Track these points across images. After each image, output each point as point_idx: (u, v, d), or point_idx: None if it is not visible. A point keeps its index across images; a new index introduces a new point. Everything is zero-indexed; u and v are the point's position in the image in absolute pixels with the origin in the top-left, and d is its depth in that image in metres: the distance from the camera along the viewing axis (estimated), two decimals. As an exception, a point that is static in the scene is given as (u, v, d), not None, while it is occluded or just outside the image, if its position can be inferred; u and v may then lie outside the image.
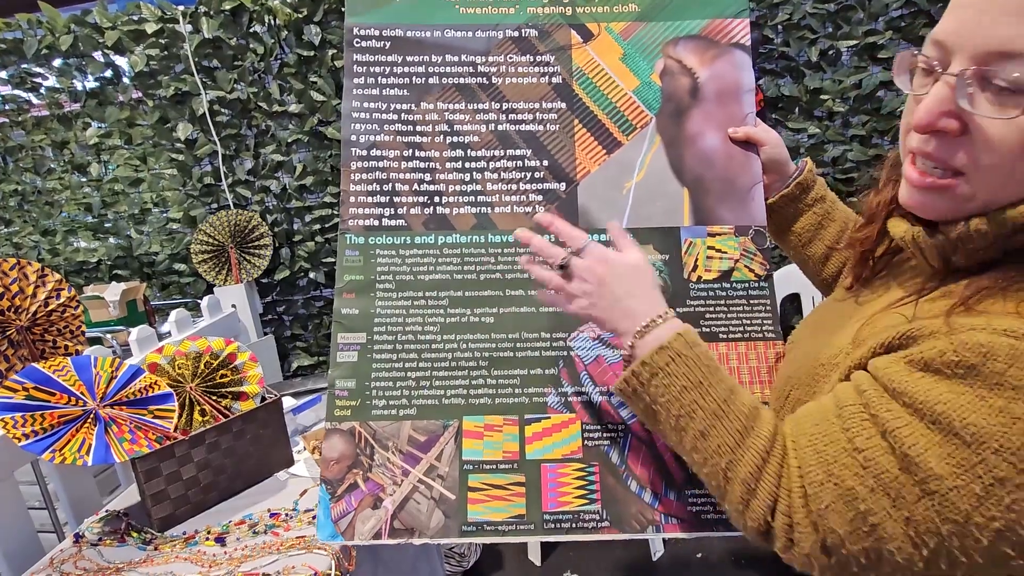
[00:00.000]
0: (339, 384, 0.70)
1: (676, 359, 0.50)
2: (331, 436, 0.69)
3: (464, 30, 0.78)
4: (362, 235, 0.75)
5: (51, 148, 2.32)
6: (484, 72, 0.77)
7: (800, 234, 0.76)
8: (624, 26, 0.78)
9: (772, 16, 1.92)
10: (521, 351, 0.71)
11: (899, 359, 0.41)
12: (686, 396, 0.50)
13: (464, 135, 0.76)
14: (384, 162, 0.76)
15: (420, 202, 0.75)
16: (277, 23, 2.05)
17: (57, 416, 0.94)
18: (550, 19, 0.78)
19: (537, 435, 0.69)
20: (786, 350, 0.66)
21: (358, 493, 0.67)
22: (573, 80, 0.77)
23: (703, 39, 0.76)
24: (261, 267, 2.20)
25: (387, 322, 0.72)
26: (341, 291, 0.73)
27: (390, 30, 0.78)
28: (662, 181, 0.74)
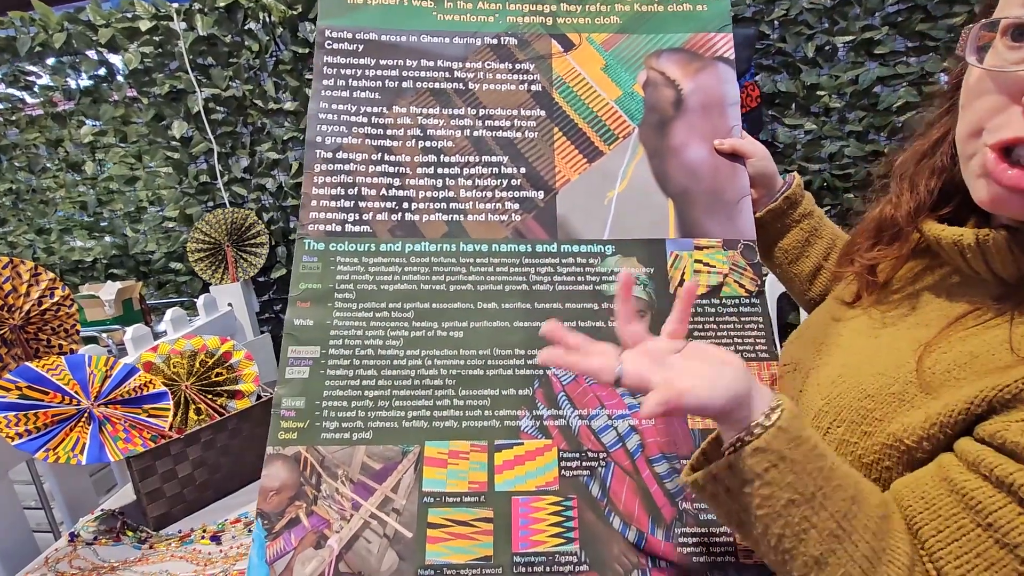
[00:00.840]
0: (286, 403, 0.64)
1: (779, 464, 0.38)
2: (272, 463, 0.61)
3: (441, 36, 0.76)
4: (322, 241, 0.70)
5: (45, 147, 2.31)
6: (460, 78, 0.75)
7: (787, 251, 0.74)
8: (606, 37, 0.76)
9: (769, 12, 1.92)
10: (492, 369, 0.65)
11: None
12: (794, 512, 0.38)
13: (437, 140, 0.73)
14: (350, 165, 0.72)
15: (387, 208, 0.71)
16: (272, 20, 2.04)
17: (51, 415, 0.93)
18: (530, 28, 0.77)
19: (508, 463, 0.62)
20: (782, 372, 0.60)
21: (299, 530, 0.59)
22: (553, 88, 0.75)
23: (686, 52, 0.75)
24: (258, 265, 2.19)
25: (344, 335, 0.66)
26: (295, 300, 0.68)
27: (363, 33, 0.76)
28: (646, 192, 0.71)
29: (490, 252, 0.70)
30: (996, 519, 0.34)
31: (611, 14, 0.77)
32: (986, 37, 0.38)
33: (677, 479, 0.62)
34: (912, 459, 0.41)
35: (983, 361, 0.39)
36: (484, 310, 0.68)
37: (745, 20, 1.94)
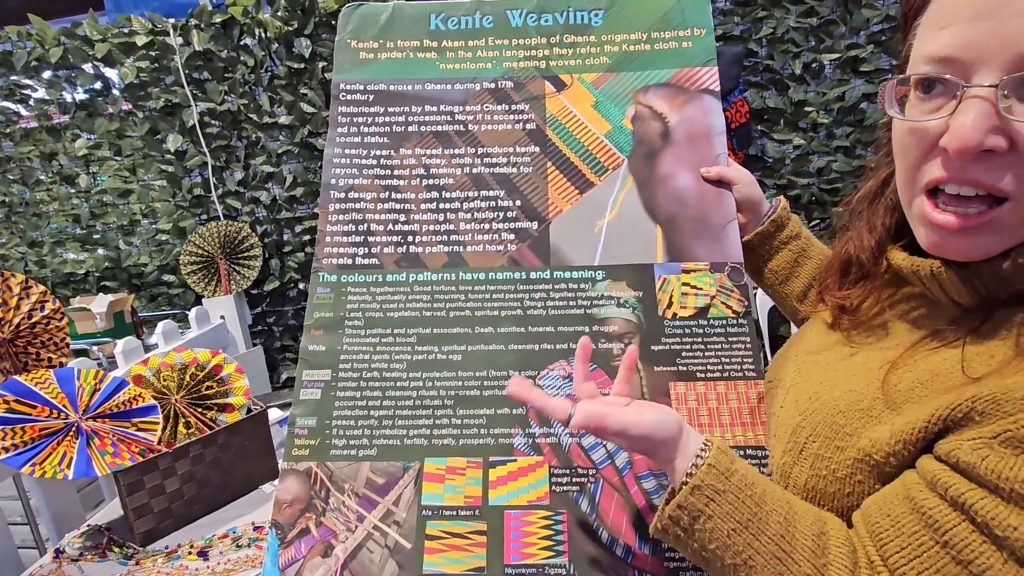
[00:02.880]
0: (299, 422, 0.68)
1: (716, 497, 0.42)
2: (286, 477, 0.66)
3: (443, 83, 0.81)
4: (335, 273, 0.75)
5: (39, 159, 2.31)
6: (461, 120, 0.80)
7: (776, 272, 0.76)
8: (596, 76, 0.80)
9: (756, 30, 1.96)
10: (488, 389, 0.69)
11: (990, 442, 0.35)
12: (738, 541, 0.42)
13: (439, 178, 0.78)
14: (361, 204, 0.77)
15: (394, 241, 0.76)
16: (268, 36, 2.06)
17: (38, 429, 0.93)
18: (525, 72, 0.81)
19: (502, 479, 0.65)
20: (768, 389, 0.62)
21: (309, 539, 0.64)
22: (547, 126, 0.79)
23: (672, 86, 0.78)
24: (251, 278, 2.19)
25: (353, 359, 0.71)
26: (309, 328, 0.73)
27: (374, 84, 0.82)
28: (635, 220, 0.74)
29: (487, 280, 0.73)
30: (951, 537, 0.36)
31: (600, 55, 0.81)
32: (902, 91, 0.42)
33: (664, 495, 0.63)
34: (882, 473, 0.42)
35: (942, 379, 0.41)
36: (481, 334, 0.71)
37: (734, 38, 1.98)
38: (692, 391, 0.67)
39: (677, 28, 0.81)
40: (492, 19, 0.84)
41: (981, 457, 0.35)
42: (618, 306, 0.71)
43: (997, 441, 0.35)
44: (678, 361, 0.68)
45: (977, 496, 0.35)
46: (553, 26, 0.82)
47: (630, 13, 0.82)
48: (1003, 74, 0.35)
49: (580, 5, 0.83)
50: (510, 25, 0.83)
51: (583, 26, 0.82)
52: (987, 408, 0.36)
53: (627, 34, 0.81)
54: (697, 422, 0.65)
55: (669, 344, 0.69)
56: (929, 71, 0.39)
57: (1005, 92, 0.36)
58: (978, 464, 0.35)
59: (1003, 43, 0.35)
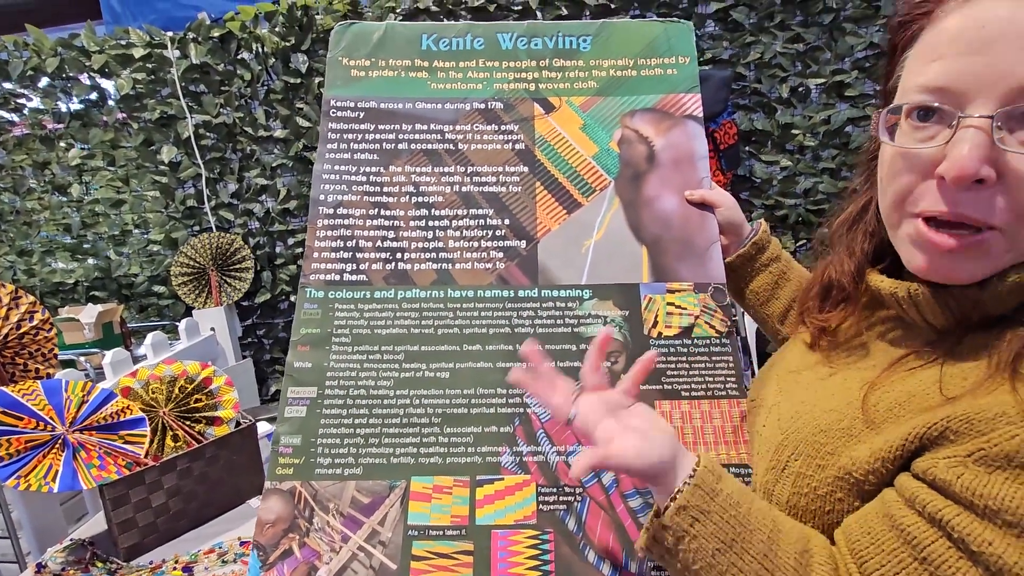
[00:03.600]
0: (284, 440, 0.67)
1: (701, 518, 0.43)
2: (269, 496, 0.65)
3: (434, 102, 0.83)
4: (322, 289, 0.75)
5: (32, 168, 2.31)
6: (451, 139, 0.81)
7: (758, 293, 0.78)
8: (584, 100, 0.82)
9: (745, 55, 2.01)
10: (476, 407, 0.69)
11: (965, 460, 0.36)
12: (722, 560, 0.42)
13: (429, 195, 0.78)
14: (350, 220, 0.77)
15: (382, 258, 0.76)
16: (265, 51, 2.09)
17: (24, 441, 0.92)
18: (515, 94, 0.83)
19: (489, 498, 0.65)
20: (750, 408, 0.63)
21: (292, 561, 0.62)
22: (536, 147, 0.80)
23: (658, 111, 0.81)
24: (242, 290, 2.19)
25: (340, 376, 0.70)
26: (296, 344, 0.72)
27: (365, 102, 0.83)
28: (621, 240, 0.76)
29: (476, 298, 0.74)
30: (929, 553, 0.37)
31: (588, 79, 0.83)
32: (892, 119, 0.43)
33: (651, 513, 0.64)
34: (862, 491, 0.43)
35: (919, 400, 0.42)
36: (469, 352, 0.71)
37: (723, 62, 2.03)
38: (677, 409, 0.68)
39: (663, 56, 0.83)
40: (483, 41, 0.85)
41: (956, 475, 0.37)
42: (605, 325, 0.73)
43: (971, 459, 0.36)
44: (663, 380, 0.69)
45: (953, 512, 0.36)
46: (543, 50, 0.85)
47: (617, 40, 0.85)
48: (997, 106, 0.37)
49: (569, 31, 0.86)
50: (501, 48, 0.85)
51: (572, 51, 0.84)
52: (961, 427, 0.38)
53: (614, 60, 0.84)
54: (682, 440, 0.66)
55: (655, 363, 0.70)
56: (925, 100, 0.40)
57: (999, 124, 0.37)
58: (954, 482, 0.37)
59: (997, 76, 0.37)
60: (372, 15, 2.05)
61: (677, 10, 1.99)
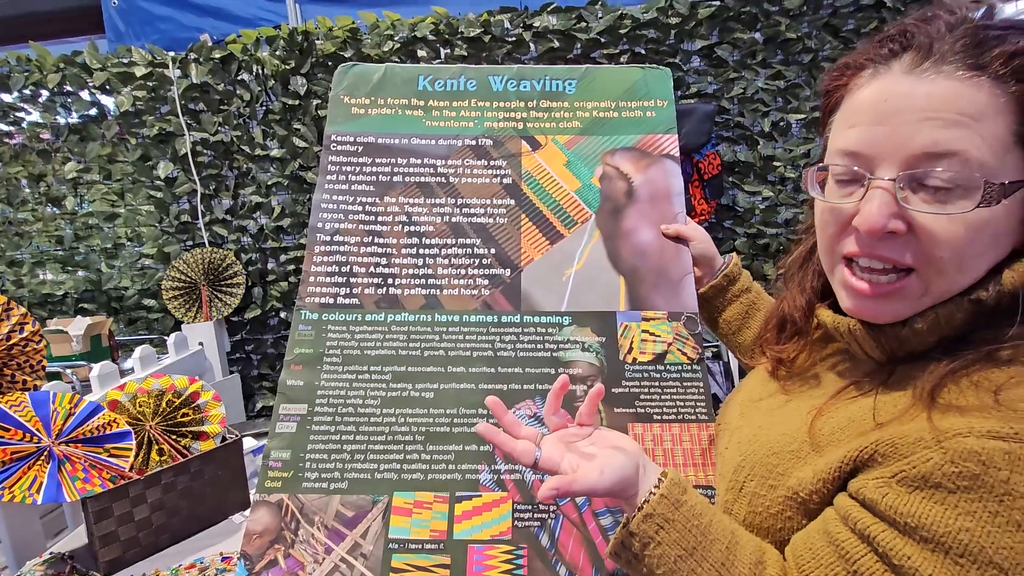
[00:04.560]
0: (274, 455, 0.71)
1: (665, 525, 0.46)
2: (258, 508, 0.67)
3: (428, 138, 0.88)
4: (316, 311, 0.79)
5: (27, 180, 2.32)
6: (443, 173, 0.86)
7: (730, 322, 0.82)
8: (568, 138, 0.88)
9: (729, 90, 2.09)
10: (458, 427, 0.72)
11: (889, 481, 0.40)
12: (683, 567, 0.45)
13: (420, 225, 0.83)
14: (345, 247, 0.82)
15: (374, 283, 0.80)
16: (265, 73, 2.14)
17: (10, 452, 0.93)
18: (504, 131, 0.89)
19: (467, 514, 0.67)
20: (717, 431, 0.66)
21: (277, 571, 0.65)
22: (522, 181, 0.86)
23: (637, 150, 0.86)
24: (232, 305, 2.20)
25: (330, 394, 0.73)
26: (289, 363, 0.76)
27: (363, 137, 0.89)
28: (600, 270, 0.80)
29: (461, 322, 0.78)
30: (859, 567, 0.40)
31: (573, 119, 0.89)
32: (821, 175, 0.49)
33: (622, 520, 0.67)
34: (807, 510, 0.47)
35: (856, 425, 0.46)
36: (453, 373, 0.75)
37: (707, 96, 2.11)
38: (649, 432, 0.71)
39: (642, 99, 0.89)
40: (476, 83, 0.91)
41: (882, 495, 0.40)
42: (583, 350, 0.76)
43: (895, 480, 0.40)
44: (636, 403, 0.73)
45: (879, 529, 0.40)
46: (531, 92, 0.91)
47: (601, 84, 0.91)
48: (899, 170, 0.42)
49: (556, 74, 0.92)
50: (492, 89, 0.91)
51: (558, 93, 0.90)
52: (887, 451, 0.41)
53: (598, 102, 0.89)
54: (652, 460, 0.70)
55: (629, 387, 0.74)
56: (840, 164, 0.46)
57: (901, 185, 0.42)
58: (880, 501, 0.40)
59: (896, 145, 0.42)
60: (371, 42, 2.11)
61: (664, 46, 2.08)
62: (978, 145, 0.40)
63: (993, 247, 0.42)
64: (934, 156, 0.41)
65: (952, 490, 0.38)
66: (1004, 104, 0.40)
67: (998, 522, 0.36)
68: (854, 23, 2.03)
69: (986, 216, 0.41)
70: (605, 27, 2.04)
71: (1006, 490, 0.36)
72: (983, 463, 0.37)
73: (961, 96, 0.40)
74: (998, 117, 0.40)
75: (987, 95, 0.40)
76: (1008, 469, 0.37)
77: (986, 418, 0.38)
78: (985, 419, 0.38)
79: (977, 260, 0.43)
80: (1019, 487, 0.36)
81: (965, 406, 0.40)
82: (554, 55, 2.08)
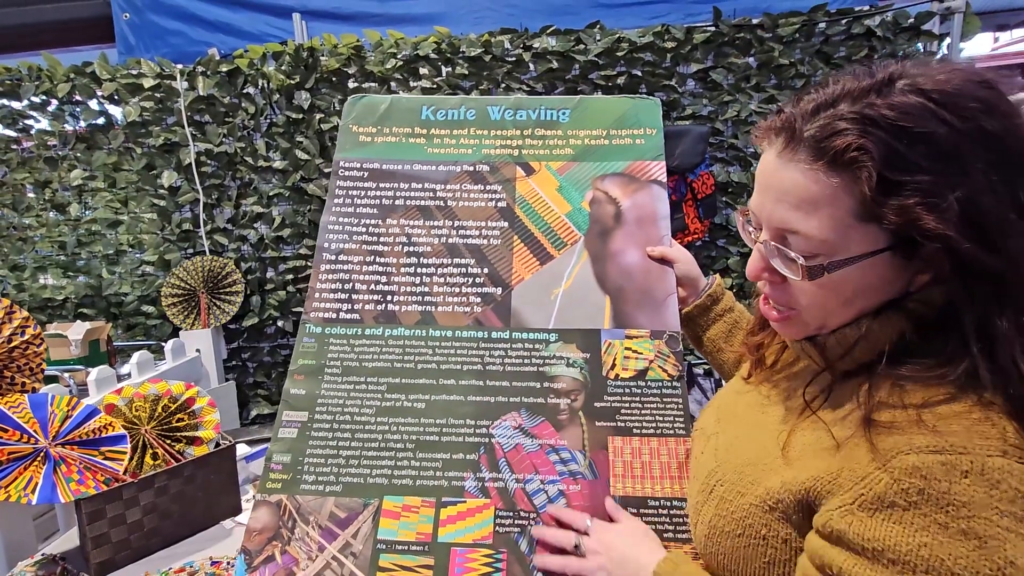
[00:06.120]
0: (276, 458, 0.76)
1: None
2: (258, 507, 0.73)
3: (429, 164, 0.94)
4: (320, 325, 0.84)
5: (33, 186, 2.36)
6: (442, 197, 0.92)
7: (714, 340, 0.85)
8: (561, 164, 0.93)
9: (723, 112, 2.14)
10: (446, 436, 0.76)
11: (851, 508, 0.43)
12: None
13: (419, 245, 0.89)
14: (348, 265, 0.88)
15: (374, 299, 0.86)
16: (270, 87, 2.19)
17: (7, 453, 0.95)
18: (500, 158, 0.94)
19: (451, 518, 0.71)
20: (693, 436, 0.70)
21: (273, 566, 0.69)
22: (516, 205, 0.91)
23: (626, 176, 0.91)
24: (230, 313, 2.23)
25: (329, 403, 0.78)
26: (293, 373, 0.81)
27: (369, 163, 0.95)
28: (587, 289, 0.84)
29: (453, 337, 0.82)
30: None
31: (566, 146, 0.95)
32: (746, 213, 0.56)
33: None
34: (769, 519, 0.50)
35: (820, 441, 0.49)
36: (444, 385, 0.79)
37: (702, 118, 2.16)
38: (628, 445, 0.74)
39: (632, 127, 0.94)
40: (475, 112, 0.97)
41: (848, 523, 0.43)
42: (568, 366, 0.79)
43: (855, 506, 0.43)
44: (617, 417, 0.76)
45: (851, 564, 0.43)
46: (526, 121, 0.96)
47: (592, 113, 0.96)
48: (768, 236, 0.50)
49: (550, 104, 0.97)
50: (490, 118, 0.97)
51: (552, 122, 0.96)
52: (843, 481, 0.45)
53: (589, 130, 0.94)
54: (631, 474, 0.72)
55: (610, 402, 0.77)
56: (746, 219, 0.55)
57: (772, 246, 0.50)
58: (847, 530, 0.43)
59: (766, 215, 0.50)
60: (374, 59, 2.16)
61: (660, 69, 2.13)
62: (818, 226, 0.46)
63: (862, 297, 0.48)
64: (787, 231, 0.48)
65: (905, 507, 0.40)
66: (838, 191, 0.45)
67: (950, 532, 0.39)
68: (845, 51, 2.09)
69: (837, 279, 0.47)
70: (603, 49, 2.09)
71: (949, 500, 0.39)
72: (924, 477, 0.40)
73: (801, 187, 0.46)
74: (836, 202, 0.45)
75: (823, 186, 0.45)
76: (947, 480, 0.39)
77: (923, 434, 0.42)
78: (922, 435, 0.42)
79: (844, 308, 0.49)
80: (960, 496, 0.39)
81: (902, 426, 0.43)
82: (553, 76, 2.13)
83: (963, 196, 0.41)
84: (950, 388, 0.44)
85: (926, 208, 0.41)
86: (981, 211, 0.41)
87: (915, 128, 0.42)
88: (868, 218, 0.44)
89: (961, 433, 0.41)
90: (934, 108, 0.42)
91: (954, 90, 0.43)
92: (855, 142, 0.43)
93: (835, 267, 0.46)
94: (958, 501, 0.39)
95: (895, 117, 0.43)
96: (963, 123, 0.42)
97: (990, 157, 0.42)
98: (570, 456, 0.74)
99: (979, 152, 0.42)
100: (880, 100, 0.44)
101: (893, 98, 0.43)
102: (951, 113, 0.42)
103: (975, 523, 0.38)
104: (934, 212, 0.41)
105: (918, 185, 0.42)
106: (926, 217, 0.41)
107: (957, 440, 0.40)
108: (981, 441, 0.40)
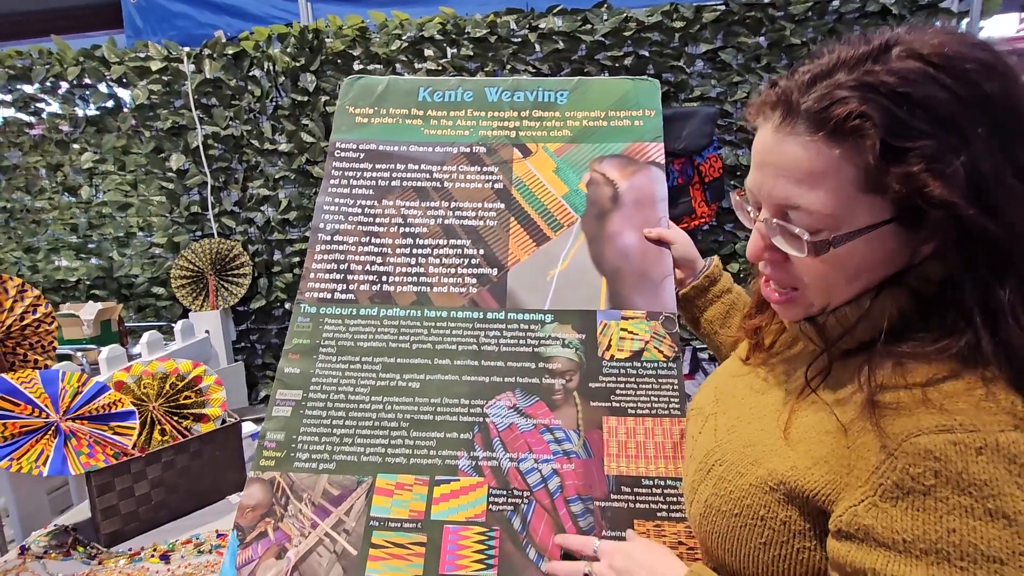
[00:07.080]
0: (269, 436, 0.76)
1: None
2: (252, 484, 0.73)
3: (426, 146, 0.93)
4: (315, 305, 0.84)
5: (45, 170, 2.39)
6: (438, 178, 0.91)
7: (712, 322, 0.84)
8: (558, 146, 0.92)
9: (732, 93, 2.11)
10: (440, 415, 0.76)
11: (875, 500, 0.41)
12: None
13: (415, 226, 0.88)
14: (344, 246, 0.87)
15: (369, 280, 0.85)
16: (276, 69, 2.19)
17: (19, 426, 0.97)
18: (497, 139, 0.93)
19: (444, 496, 0.71)
20: (689, 416, 0.68)
21: (265, 542, 0.69)
22: (512, 186, 0.90)
23: (624, 157, 0.90)
24: (238, 295, 2.26)
25: (323, 382, 0.78)
26: (287, 352, 0.81)
27: (365, 144, 0.94)
28: (583, 271, 0.84)
29: (449, 318, 0.82)
30: None
31: (564, 128, 0.93)
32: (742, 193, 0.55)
33: (589, 518, 0.69)
34: (768, 500, 0.49)
35: (823, 423, 0.48)
36: (439, 365, 0.79)
37: (710, 99, 2.13)
38: (623, 425, 0.74)
39: (631, 109, 0.92)
40: (472, 94, 0.96)
41: (875, 517, 0.41)
42: (563, 346, 0.79)
43: (878, 496, 0.41)
44: (612, 398, 0.76)
45: (883, 562, 0.41)
46: (524, 102, 0.95)
47: (591, 94, 0.94)
48: (768, 214, 0.48)
49: (548, 86, 0.96)
50: (487, 100, 0.95)
51: (550, 103, 0.94)
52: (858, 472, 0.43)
53: (588, 111, 0.93)
54: (625, 454, 0.72)
55: (605, 382, 0.77)
56: (743, 199, 0.54)
57: (773, 224, 0.48)
58: (875, 524, 0.41)
59: (766, 192, 0.48)
60: (379, 41, 2.15)
61: (668, 49, 2.09)
62: (822, 199, 0.44)
63: (866, 272, 0.47)
64: (789, 207, 0.46)
65: (924, 492, 0.39)
66: (841, 162, 0.43)
67: (976, 515, 0.38)
68: (859, 29, 2.04)
69: (841, 254, 0.45)
70: (610, 29, 2.06)
71: (969, 481, 0.38)
72: (937, 459, 0.39)
73: (803, 159, 0.45)
74: (839, 173, 0.44)
75: (825, 158, 0.44)
76: (962, 460, 0.38)
77: (931, 414, 0.40)
78: (930, 415, 0.40)
79: (849, 284, 0.48)
80: (979, 475, 0.38)
81: (909, 407, 0.42)
82: (559, 56, 2.11)
83: (967, 161, 0.40)
84: (953, 364, 0.43)
85: (932, 175, 0.40)
86: (984, 176, 0.40)
87: (916, 93, 0.41)
88: (872, 188, 0.43)
89: (969, 411, 0.40)
90: (933, 72, 0.41)
91: (953, 53, 0.42)
92: (856, 109, 0.42)
93: (840, 241, 0.45)
94: (978, 480, 0.38)
95: (895, 83, 0.41)
96: (963, 86, 0.41)
97: (991, 120, 0.41)
98: (564, 436, 0.74)
99: (980, 116, 0.41)
100: (878, 67, 0.43)
101: (891, 64, 0.42)
102: (951, 77, 0.41)
103: (1000, 502, 0.37)
104: (940, 179, 0.40)
105: (922, 151, 0.40)
106: (932, 184, 0.40)
107: (966, 418, 0.39)
108: (990, 417, 0.39)
